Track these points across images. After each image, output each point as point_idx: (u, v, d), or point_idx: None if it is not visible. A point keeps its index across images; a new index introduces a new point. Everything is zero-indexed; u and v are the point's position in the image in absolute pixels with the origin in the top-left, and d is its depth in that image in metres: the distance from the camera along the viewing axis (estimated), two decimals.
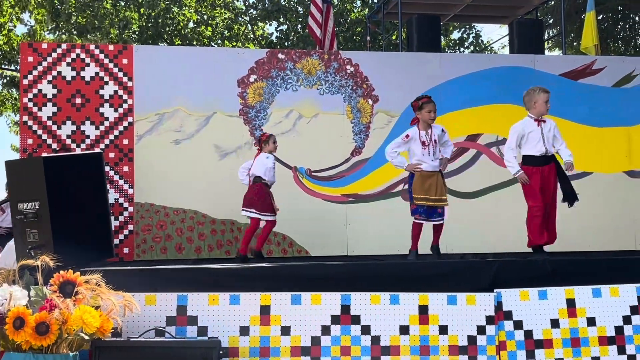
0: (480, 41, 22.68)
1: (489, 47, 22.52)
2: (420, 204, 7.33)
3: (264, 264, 5.91)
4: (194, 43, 21.00)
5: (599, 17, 17.91)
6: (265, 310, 5.17)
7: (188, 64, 9.47)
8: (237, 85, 9.56)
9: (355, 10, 22.09)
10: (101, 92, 9.23)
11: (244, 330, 5.11)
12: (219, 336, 5.01)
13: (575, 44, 16.31)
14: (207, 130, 9.45)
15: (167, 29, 20.60)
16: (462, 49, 22.68)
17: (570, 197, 7.27)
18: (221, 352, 4.80)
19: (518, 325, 5.51)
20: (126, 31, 19.66)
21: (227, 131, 9.45)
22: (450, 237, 9.55)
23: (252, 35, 22.97)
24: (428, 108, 7.39)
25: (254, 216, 8.25)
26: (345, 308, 5.31)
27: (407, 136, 7.44)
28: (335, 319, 5.27)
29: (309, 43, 19.68)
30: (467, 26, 22.41)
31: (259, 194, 8.24)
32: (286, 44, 21.43)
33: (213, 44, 21.79)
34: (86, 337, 4.52)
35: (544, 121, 7.32)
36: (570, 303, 5.63)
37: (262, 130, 9.50)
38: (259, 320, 5.15)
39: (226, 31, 22.17)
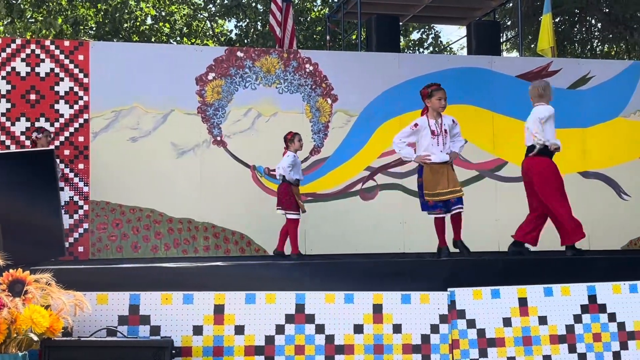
0: (439, 42, 22.85)
1: (448, 48, 22.69)
2: (434, 200, 7.02)
3: (218, 263, 5.88)
4: (152, 40, 20.82)
5: (556, 20, 18.16)
6: (219, 309, 5.14)
7: (145, 60, 9.38)
8: (196, 82, 9.49)
9: (315, 10, 22.10)
10: (56, 88, 9.10)
11: (198, 330, 5.07)
12: (172, 336, 4.97)
13: (532, 46, 16.50)
14: (164, 128, 9.36)
15: (125, 25, 20.39)
16: (421, 50, 22.81)
17: None
18: (174, 351, 4.77)
19: (471, 324, 5.55)
20: (82, 27, 19.40)
21: (185, 129, 9.38)
22: (410, 236, 9.64)
23: (211, 32, 22.85)
24: (438, 95, 7.07)
25: (282, 213, 8.23)
26: (300, 307, 5.30)
27: (415, 125, 7.10)
28: (289, 318, 5.26)
29: (269, 39, 19.63)
30: (427, 27, 22.55)
31: (282, 193, 8.20)
32: (246, 41, 21.35)
33: (172, 40, 21.63)
34: (35, 337, 4.46)
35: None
36: (522, 302, 5.69)
37: (220, 129, 9.46)
38: (213, 319, 5.12)
39: (185, 28, 22.03)
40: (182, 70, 9.44)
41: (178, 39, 21.93)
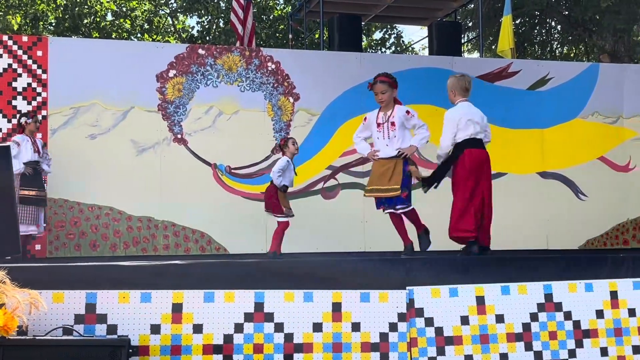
0: (401, 42, 22.95)
1: (410, 48, 22.83)
2: (368, 195, 6.89)
3: (176, 261, 5.84)
4: (113, 36, 20.61)
5: (516, 22, 18.36)
6: (177, 308, 5.10)
7: (105, 57, 9.29)
8: (156, 80, 9.43)
9: (278, 8, 22.05)
10: (14, 84, 8.96)
11: (155, 329, 5.03)
12: (129, 334, 4.92)
13: (493, 47, 16.66)
14: (124, 125, 9.29)
15: (85, 21, 20.15)
16: (383, 50, 22.90)
17: None
18: (131, 350, 4.72)
19: (429, 322, 5.59)
20: (41, 23, 19.14)
21: (145, 126, 9.31)
22: (371, 235, 9.67)
23: (172, 29, 22.68)
24: (375, 90, 6.83)
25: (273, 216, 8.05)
26: (259, 306, 5.29)
27: (365, 119, 6.92)
28: (248, 317, 5.24)
29: (231, 36, 19.55)
30: (389, 27, 22.64)
31: (269, 196, 7.97)
32: (208, 38, 21.23)
33: (132, 37, 21.43)
34: None
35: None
36: (480, 300, 5.75)
37: (181, 127, 9.40)
38: (171, 318, 5.08)
39: (146, 24, 21.85)
40: (143, 67, 9.37)
41: (139, 35, 21.74)
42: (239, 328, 5.20)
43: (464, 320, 5.66)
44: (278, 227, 8.00)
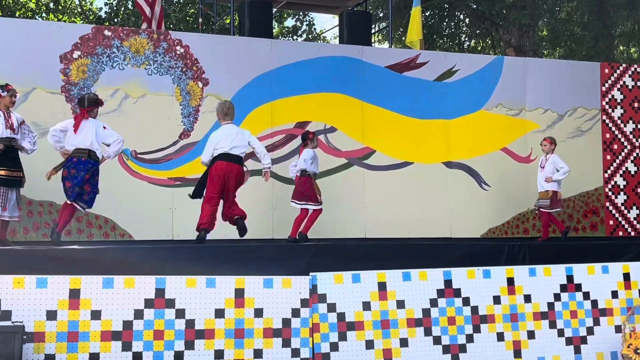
0: (313, 30, 22.98)
1: (322, 37, 22.88)
2: None
3: (75, 246, 5.71)
4: (17, 15, 19.90)
5: (426, 14, 18.66)
6: (74, 294, 5.00)
7: (6, 36, 8.94)
8: (60, 60, 9.15)
9: None
10: None
11: (51, 315, 4.92)
12: (23, 321, 4.79)
13: (403, 38, 16.88)
14: (25, 106, 8.94)
15: None
16: (295, 37, 22.89)
17: None
18: (25, 337, 4.60)
19: (331, 307, 5.65)
20: None
21: (48, 108, 9.01)
22: (279, 222, 9.68)
23: (79, 10, 22.06)
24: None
25: (303, 207, 8.74)
26: (160, 292, 5.23)
27: None
28: (149, 303, 5.19)
29: (140, 18, 19.14)
30: (301, 14, 22.63)
31: (304, 186, 8.80)
32: (116, 20, 20.74)
33: (37, 17, 20.74)
34: None
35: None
36: (382, 286, 5.84)
37: None
38: (68, 304, 4.98)
39: (52, 3, 21.17)
40: (46, 47, 9.07)
41: (44, 15, 21.04)
42: (139, 314, 5.13)
43: (366, 306, 5.76)
44: (300, 214, 8.72)
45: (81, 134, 7.68)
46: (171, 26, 19.53)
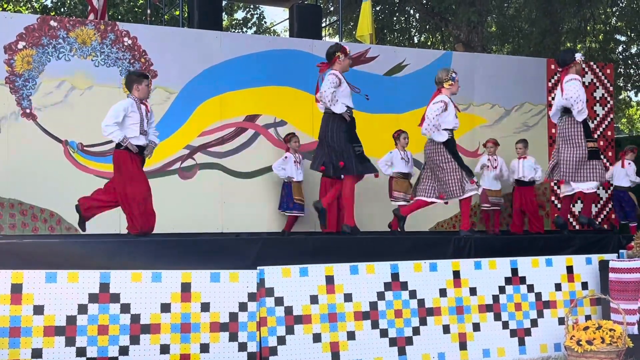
0: (263, 22, 22.89)
1: (272, 30, 22.79)
2: None
3: (15, 240, 5.61)
4: None
5: (377, 8, 18.72)
6: (16, 288, 4.91)
7: None
8: (4, 51, 8.95)
9: None
10: None
11: None
12: None
13: (353, 32, 16.91)
14: None
15: None
16: (245, 30, 22.76)
17: None
18: None
19: (279, 301, 5.65)
20: None
21: None
22: (228, 215, 9.64)
23: None
24: None
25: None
26: (105, 286, 5.17)
27: None
28: (93, 298, 5.12)
29: (87, 7, 18.81)
30: (251, 7, 22.51)
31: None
32: (62, 10, 20.36)
33: None
34: None
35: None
36: (329, 280, 5.86)
37: (30, 101, 9.00)
38: (10, 299, 4.89)
39: None
40: None
41: None
42: (82, 309, 5.07)
43: (314, 300, 5.77)
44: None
45: None
46: (119, 17, 19.26)
